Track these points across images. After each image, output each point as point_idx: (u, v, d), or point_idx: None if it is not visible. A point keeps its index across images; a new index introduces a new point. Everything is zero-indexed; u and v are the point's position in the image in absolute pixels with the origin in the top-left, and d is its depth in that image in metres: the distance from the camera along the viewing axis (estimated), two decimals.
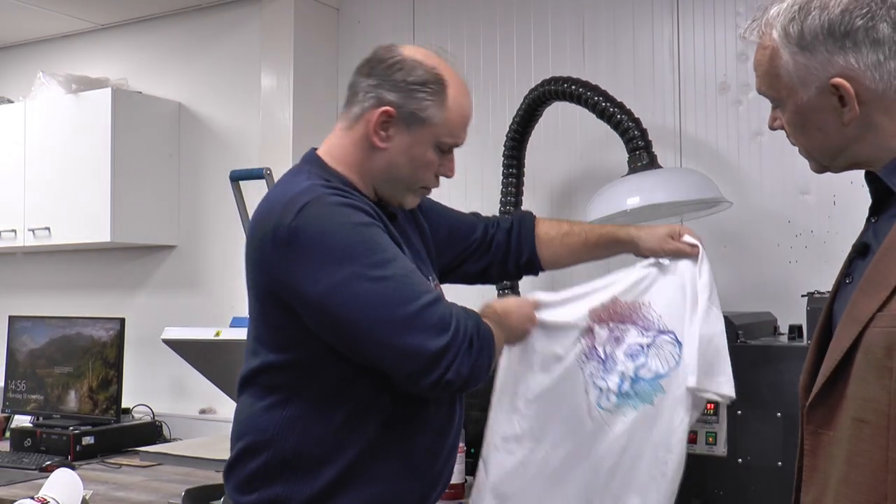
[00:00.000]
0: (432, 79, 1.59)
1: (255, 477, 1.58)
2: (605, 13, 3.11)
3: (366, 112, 1.60)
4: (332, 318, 1.49)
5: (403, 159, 1.61)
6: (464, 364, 1.48)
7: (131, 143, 3.69)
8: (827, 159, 1.29)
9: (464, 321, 1.51)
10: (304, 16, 3.55)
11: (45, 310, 3.91)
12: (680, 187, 2.56)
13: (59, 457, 3.08)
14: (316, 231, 1.48)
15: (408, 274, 1.51)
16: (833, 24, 1.18)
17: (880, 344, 1.13)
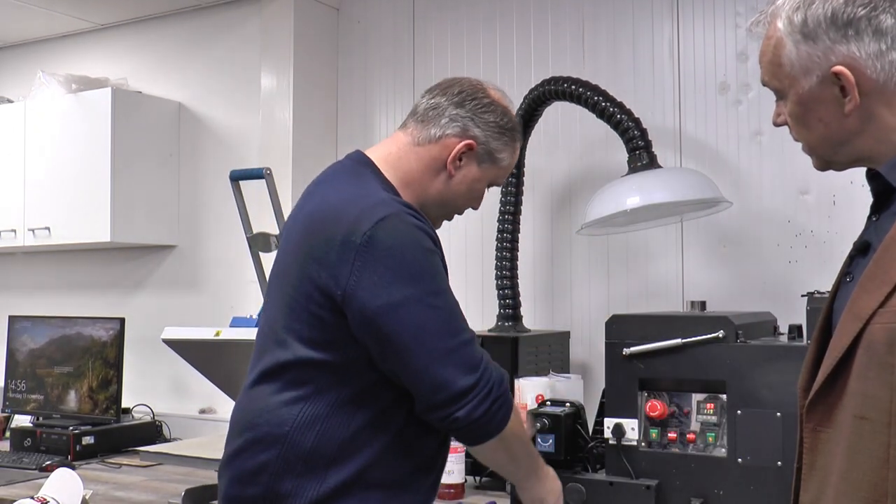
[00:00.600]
0: (514, 127, 1.75)
1: (263, 469, 1.58)
2: (605, 13, 3.11)
3: (447, 137, 1.69)
4: (383, 333, 1.53)
5: (464, 189, 1.73)
6: (479, 408, 1.54)
7: (131, 142, 3.69)
8: (829, 153, 1.28)
9: (491, 368, 1.58)
10: (304, 16, 3.55)
11: (45, 309, 3.92)
12: (680, 187, 2.56)
13: (59, 456, 3.08)
14: (391, 245, 1.52)
15: (455, 307, 1.59)
16: (836, 13, 1.19)
17: (882, 340, 1.13)
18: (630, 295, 3.02)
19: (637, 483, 2.16)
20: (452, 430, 1.58)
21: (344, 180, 1.67)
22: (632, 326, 2.22)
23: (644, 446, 2.20)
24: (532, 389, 2.56)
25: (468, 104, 1.70)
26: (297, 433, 1.56)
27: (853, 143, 1.24)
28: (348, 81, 3.64)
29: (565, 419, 2.28)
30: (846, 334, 1.18)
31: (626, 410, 2.21)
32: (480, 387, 1.54)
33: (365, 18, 3.63)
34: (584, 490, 2.21)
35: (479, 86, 1.73)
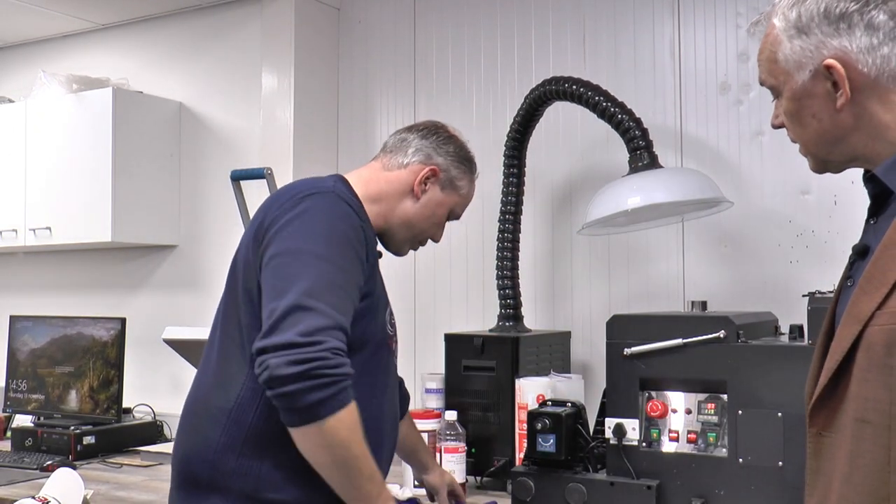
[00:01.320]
0: (471, 160, 2.00)
1: (207, 446, 1.65)
2: (606, 13, 3.11)
3: (413, 164, 1.91)
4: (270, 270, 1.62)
5: (427, 212, 1.93)
6: (286, 368, 1.48)
7: (132, 142, 3.69)
8: (824, 151, 1.29)
9: (331, 358, 1.51)
10: (304, 16, 3.55)
11: (46, 309, 3.92)
12: (681, 187, 2.56)
13: (59, 456, 3.08)
14: (309, 208, 1.66)
15: (339, 283, 1.61)
16: (829, 8, 1.21)
17: (880, 342, 1.13)
18: (631, 295, 3.02)
19: (638, 483, 2.16)
20: (265, 383, 1.52)
21: (305, 179, 1.82)
22: (633, 326, 2.22)
23: (645, 446, 2.20)
24: (533, 389, 2.56)
25: (431, 137, 1.94)
26: (240, 410, 1.63)
27: (848, 140, 1.25)
28: (349, 81, 3.64)
29: (566, 419, 2.28)
30: (846, 337, 1.18)
31: (627, 410, 2.21)
32: (304, 351, 1.49)
33: (366, 18, 3.63)
34: (584, 490, 2.21)
35: (441, 125, 2.00)
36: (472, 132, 3.35)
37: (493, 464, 2.62)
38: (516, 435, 2.60)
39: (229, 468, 1.61)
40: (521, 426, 2.56)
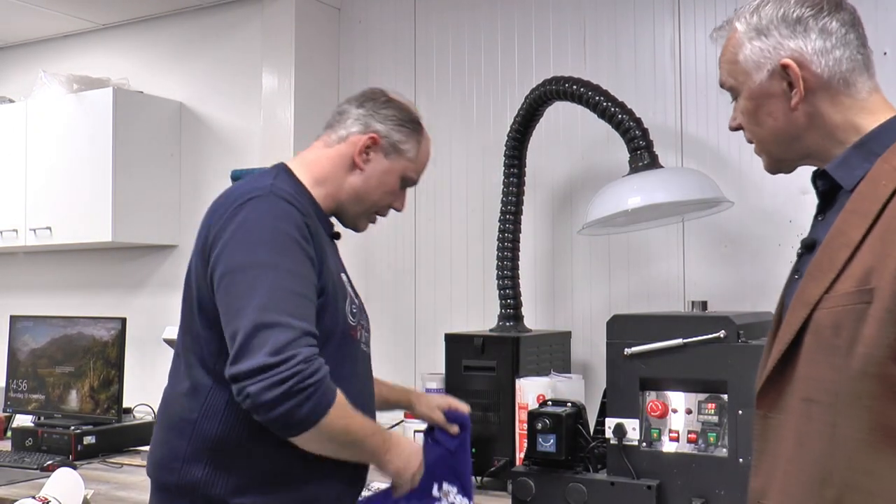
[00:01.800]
0: (413, 120, 1.87)
1: (176, 456, 1.66)
2: (607, 13, 3.11)
3: (352, 135, 1.82)
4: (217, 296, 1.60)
5: (375, 182, 1.83)
6: (268, 392, 1.49)
7: (132, 142, 3.69)
8: (778, 150, 1.37)
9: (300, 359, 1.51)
10: (305, 15, 3.55)
11: (47, 309, 3.92)
12: (681, 187, 2.56)
13: (60, 456, 3.08)
14: (247, 217, 1.62)
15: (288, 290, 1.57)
16: (787, 12, 1.31)
17: (828, 324, 1.19)
18: (631, 295, 3.02)
19: (638, 483, 2.16)
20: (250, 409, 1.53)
21: (245, 180, 1.78)
22: (633, 326, 2.22)
23: (645, 446, 2.20)
24: (533, 389, 2.56)
25: (368, 104, 1.85)
26: (204, 420, 1.63)
27: (802, 139, 1.33)
28: (349, 81, 3.64)
29: (566, 419, 2.28)
30: (794, 321, 1.24)
31: (628, 410, 2.21)
32: (279, 371, 1.49)
33: (366, 18, 3.63)
34: (585, 490, 2.21)
35: (379, 90, 1.90)
36: (472, 132, 3.36)
37: (493, 464, 2.62)
38: (517, 435, 2.60)
39: (196, 477, 1.63)
40: (521, 426, 2.56)
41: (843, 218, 1.24)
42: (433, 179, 3.43)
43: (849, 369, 1.16)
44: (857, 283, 1.17)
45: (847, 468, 1.17)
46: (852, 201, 1.24)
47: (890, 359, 1.13)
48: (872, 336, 1.14)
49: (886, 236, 1.17)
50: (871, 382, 1.15)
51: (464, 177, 3.37)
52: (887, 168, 1.22)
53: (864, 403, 1.16)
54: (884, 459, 1.15)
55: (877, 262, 1.16)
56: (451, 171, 3.40)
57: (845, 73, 1.30)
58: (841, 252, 1.21)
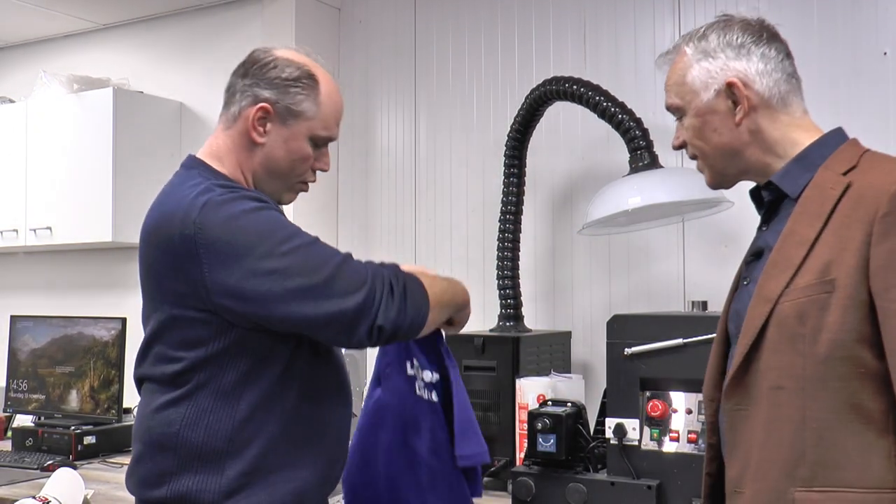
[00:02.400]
0: (304, 75, 1.69)
1: (163, 473, 1.60)
2: (607, 13, 3.11)
3: (243, 110, 1.68)
4: (253, 302, 1.52)
5: (281, 153, 1.68)
6: (389, 309, 1.55)
7: (133, 142, 3.69)
8: (721, 164, 1.50)
9: (379, 272, 1.58)
10: (305, 15, 3.55)
11: (47, 309, 3.92)
12: (681, 187, 2.56)
13: (60, 456, 3.08)
14: (220, 223, 1.53)
15: (312, 242, 1.57)
16: (731, 38, 1.46)
17: (792, 314, 1.31)
18: (631, 295, 3.02)
19: (638, 483, 2.16)
20: (384, 338, 1.58)
21: (172, 189, 1.68)
22: (633, 326, 2.22)
23: (645, 446, 2.20)
24: (533, 389, 2.56)
25: (251, 71, 1.70)
26: (187, 431, 1.58)
27: (743, 154, 1.46)
28: (350, 81, 3.64)
29: (566, 419, 2.28)
30: (757, 317, 1.35)
31: (628, 410, 2.21)
32: (377, 293, 1.54)
33: (366, 18, 3.63)
34: (585, 490, 2.21)
35: (264, 49, 1.74)
36: (472, 132, 3.36)
37: (493, 464, 2.62)
38: (517, 435, 2.60)
39: (187, 488, 1.59)
40: (521, 426, 2.56)
41: (794, 219, 1.37)
42: (433, 179, 3.43)
43: (815, 355, 1.28)
44: (817, 276, 1.30)
45: (817, 447, 1.28)
46: (801, 204, 1.38)
47: (856, 341, 1.27)
48: (837, 322, 1.27)
49: (841, 232, 1.30)
50: (839, 365, 1.27)
51: (464, 177, 3.38)
52: (831, 174, 1.37)
53: (833, 385, 1.28)
54: (851, 435, 1.27)
55: (834, 255, 1.29)
56: (451, 171, 3.40)
57: (783, 94, 1.43)
58: (797, 250, 1.34)
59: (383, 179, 3.56)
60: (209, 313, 1.56)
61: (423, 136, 3.49)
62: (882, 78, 2.69)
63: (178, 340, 1.60)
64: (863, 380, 1.27)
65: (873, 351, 1.26)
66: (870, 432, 1.27)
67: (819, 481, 1.28)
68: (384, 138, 3.57)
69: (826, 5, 2.76)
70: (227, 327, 1.57)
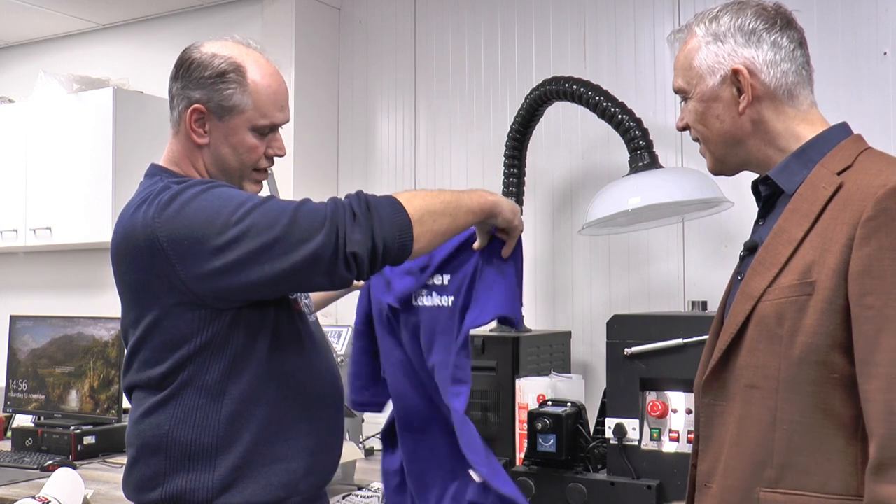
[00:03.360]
0: (229, 67, 1.64)
1: (156, 475, 1.60)
2: (607, 13, 3.11)
3: (182, 114, 1.66)
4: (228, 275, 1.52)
5: (226, 149, 1.66)
6: (355, 233, 1.50)
7: (133, 142, 3.69)
8: (722, 152, 1.47)
9: (339, 203, 1.54)
10: (305, 15, 3.55)
11: (47, 309, 3.92)
12: (681, 187, 2.56)
13: (60, 456, 3.08)
14: (178, 215, 1.53)
15: (264, 201, 1.54)
16: (743, 23, 1.40)
17: (771, 314, 1.30)
18: (631, 295, 3.02)
19: (638, 483, 2.16)
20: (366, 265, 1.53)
21: (128, 204, 1.67)
22: (633, 326, 2.22)
23: (645, 446, 2.20)
24: (533, 389, 2.56)
25: (180, 74, 1.67)
26: (175, 431, 1.59)
27: (745, 143, 1.43)
28: (349, 81, 3.64)
29: (566, 419, 2.28)
30: (739, 313, 1.35)
31: (628, 410, 2.21)
32: (337, 223, 1.50)
33: (366, 18, 3.63)
34: (585, 490, 2.21)
35: (190, 48, 1.69)
36: (472, 132, 3.36)
37: None
38: (517, 435, 2.60)
39: (181, 487, 1.59)
40: (521, 426, 2.56)
41: (785, 217, 1.36)
42: (433, 179, 3.43)
43: (790, 357, 1.27)
44: (798, 277, 1.29)
45: (786, 449, 1.28)
46: (793, 202, 1.36)
47: (830, 346, 1.25)
48: (813, 325, 1.26)
49: (826, 234, 1.28)
50: (812, 369, 1.26)
51: (464, 177, 3.37)
52: (826, 172, 1.34)
53: (805, 388, 1.27)
54: (819, 440, 1.26)
55: (817, 257, 1.28)
56: (451, 171, 3.40)
57: (790, 86, 1.40)
58: (783, 248, 1.33)
59: (383, 179, 3.56)
60: (193, 306, 1.56)
61: (423, 136, 3.49)
62: (882, 78, 2.69)
63: (161, 343, 1.60)
64: (835, 385, 1.25)
65: (847, 357, 1.24)
66: (839, 438, 1.25)
67: (784, 483, 1.28)
68: (384, 138, 3.57)
69: (826, 5, 2.76)
70: (208, 322, 1.57)
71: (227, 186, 1.61)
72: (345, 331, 3.09)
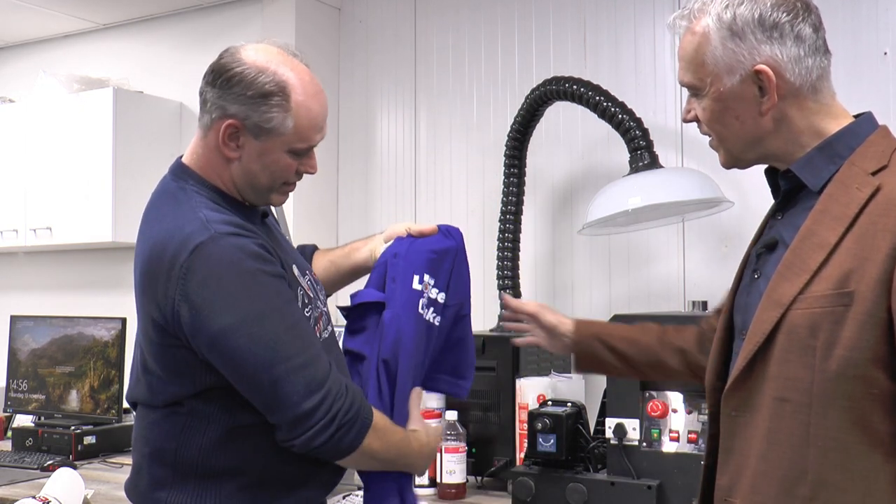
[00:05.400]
0: (275, 89, 1.53)
1: (159, 485, 1.58)
2: (607, 13, 3.11)
3: (214, 122, 1.56)
4: (217, 363, 1.50)
5: (258, 167, 1.58)
6: (319, 436, 1.50)
7: (133, 142, 3.69)
8: (739, 149, 1.36)
9: (335, 393, 1.51)
10: (305, 15, 3.55)
11: (47, 309, 3.92)
12: (681, 187, 2.56)
13: (60, 456, 3.08)
14: (206, 275, 1.48)
15: (286, 328, 1.51)
16: (763, 16, 1.26)
17: (804, 324, 1.21)
18: (632, 295, 3.02)
19: (638, 483, 2.16)
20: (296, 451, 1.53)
21: (163, 209, 1.63)
22: None
23: (645, 446, 2.20)
24: (533, 389, 2.56)
25: (218, 82, 1.54)
26: (182, 450, 1.56)
27: (765, 142, 1.32)
28: (350, 81, 3.64)
29: (566, 419, 2.28)
30: (766, 321, 1.25)
31: (628, 410, 2.22)
32: (320, 415, 1.49)
33: (367, 18, 3.63)
34: (585, 490, 2.21)
35: (232, 55, 1.56)
36: (472, 132, 3.36)
37: (493, 464, 2.62)
38: (517, 435, 2.60)
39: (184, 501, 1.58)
40: (521, 426, 2.56)
41: (815, 219, 1.25)
42: (433, 179, 3.43)
43: (825, 370, 1.19)
44: (834, 286, 1.19)
45: (821, 466, 1.20)
46: (823, 202, 1.26)
47: (871, 361, 1.17)
48: (852, 339, 1.17)
49: (865, 240, 1.19)
50: (850, 384, 1.18)
51: (464, 177, 3.38)
52: (859, 171, 1.24)
53: (841, 404, 1.19)
54: (857, 457, 1.19)
55: (856, 265, 1.18)
56: (451, 171, 3.40)
57: (814, 81, 1.29)
58: (815, 253, 1.22)
59: (383, 179, 3.56)
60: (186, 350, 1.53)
61: (423, 136, 3.49)
62: (882, 78, 2.69)
63: (170, 367, 1.57)
64: (874, 401, 1.18)
65: (888, 372, 1.17)
66: (877, 455, 1.19)
67: (819, 501, 1.21)
68: (384, 138, 3.57)
69: (826, 5, 2.75)
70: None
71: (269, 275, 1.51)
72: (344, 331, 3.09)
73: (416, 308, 1.71)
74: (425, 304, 1.72)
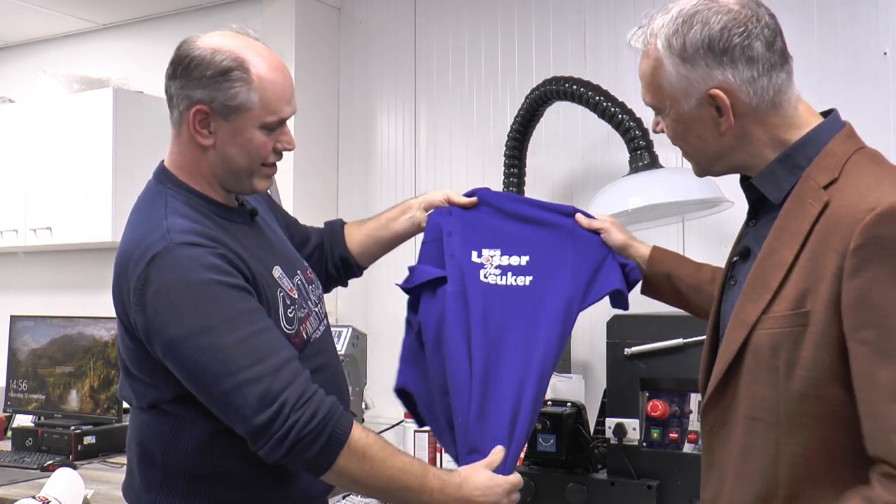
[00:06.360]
0: (233, 64, 1.54)
1: (150, 487, 1.59)
2: (607, 13, 3.11)
3: (183, 115, 1.57)
4: (175, 369, 1.50)
5: (234, 150, 1.57)
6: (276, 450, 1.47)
7: (133, 142, 3.69)
8: (705, 163, 1.39)
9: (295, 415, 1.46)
10: (305, 16, 3.55)
11: (47, 309, 3.91)
12: (681, 187, 2.56)
13: (60, 456, 3.08)
14: (159, 286, 1.49)
15: (238, 341, 1.47)
16: (713, 40, 1.26)
17: (767, 345, 1.24)
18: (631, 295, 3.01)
19: (638, 483, 2.16)
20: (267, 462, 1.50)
21: (138, 214, 1.64)
22: (633, 326, 2.22)
23: (645, 446, 2.20)
24: None
25: (178, 72, 1.56)
26: (169, 454, 1.57)
27: (729, 156, 1.34)
28: (349, 81, 3.64)
29: (566, 419, 2.28)
30: (734, 341, 1.28)
31: (628, 410, 2.21)
32: (275, 428, 1.45)
33: (366, 18, 3.63)
34: (585, 490, 2.21)
35: (187, 43, 1.58)
36: (472, 132, 3.36)
37: None
38: None
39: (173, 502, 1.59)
40: None
41: (774, 235, 1.28)
42: (433, 179, 3.43)
43: (789, 390, 1.22)
44: (792, 306, 1.22)
45: (790, 482, 1.23)
46: (781, 218, 1.28)
47: (830, 380, 1.19)
48: (810, 358, 1.20)
49: (817, 259, 1.20)
50: (813, 403, 1.21)
51: (464, 177, 3.37)
52: (812, 185, 1.25)
53: (805, 422, 1.22)
54: (825, 474, 1.22)
55: (810, 284, 1.21)
56: (451, 171, 3.40)
57: (772, 97, 1.28)
58: (775, 272, 1.25)
59: (383, 179, 3.56)
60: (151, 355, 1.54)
61: (423, 136, 3.49)
62: (882, 78, 2.69)
63: (147, 370, 1.58)
64: (837, 418, 1.20)
65: (848, 391, 1.18)
66: (844, 471, 1.20)
67: None
68: (384, 138, 3.57)
69: (826, 6, 2.76)
70: None
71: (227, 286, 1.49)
72: (344, 331, 3.09)
73: (478, 277, 1.75)
74: (494, 273, 1.76)
